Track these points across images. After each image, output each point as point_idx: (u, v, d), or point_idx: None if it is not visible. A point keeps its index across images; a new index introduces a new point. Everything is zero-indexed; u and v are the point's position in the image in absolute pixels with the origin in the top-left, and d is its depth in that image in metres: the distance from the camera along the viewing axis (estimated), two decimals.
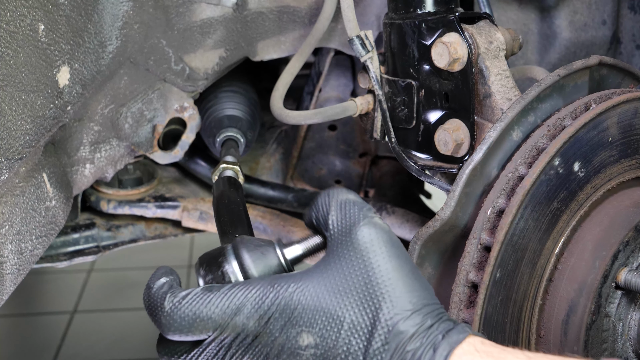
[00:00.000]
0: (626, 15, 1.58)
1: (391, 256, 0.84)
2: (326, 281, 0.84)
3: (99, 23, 1.26)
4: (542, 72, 1.37)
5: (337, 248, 0.85)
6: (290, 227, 1.67)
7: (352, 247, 0.84)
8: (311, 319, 0.83)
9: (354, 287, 0.83)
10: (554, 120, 1.11)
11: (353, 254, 0.84)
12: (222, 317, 0.84)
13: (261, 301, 0.84)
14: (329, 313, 0.83)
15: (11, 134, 1.09)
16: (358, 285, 0.83)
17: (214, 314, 0.84)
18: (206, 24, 1.42)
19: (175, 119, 1.49)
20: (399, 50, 1.26)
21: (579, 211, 1.09)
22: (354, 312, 0.82)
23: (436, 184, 1.25)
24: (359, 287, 0.83)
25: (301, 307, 0.83)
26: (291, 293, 0.83)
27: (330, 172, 1.79)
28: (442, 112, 1.23)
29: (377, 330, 0.81)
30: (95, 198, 1.65)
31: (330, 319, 0.83)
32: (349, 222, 0.86)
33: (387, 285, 0.82)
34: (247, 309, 0.84)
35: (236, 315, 0.84)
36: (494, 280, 1.03)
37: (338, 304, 0.83)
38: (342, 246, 0.85)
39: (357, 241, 0.84)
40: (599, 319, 1.08)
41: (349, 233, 0.85)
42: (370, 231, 0.85)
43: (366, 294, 0.82)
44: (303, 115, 1.37)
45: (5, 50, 1.06)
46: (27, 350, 2.61)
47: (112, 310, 2.84)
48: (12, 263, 1.18)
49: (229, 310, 0.84)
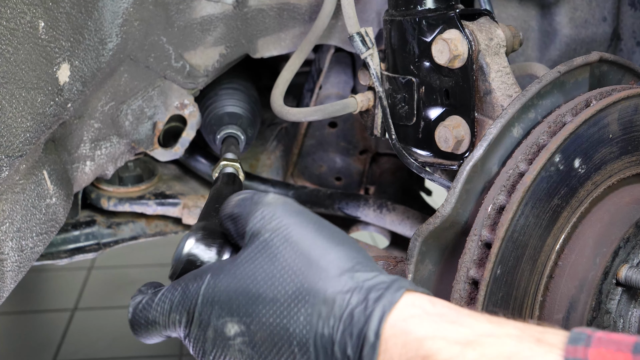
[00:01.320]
0: (627, 11, 1.58)
1: (297, 225, 0.83)
2: (240, 267, 0.83)
3: (99, 20, 1.26)
4: (543, 68, 1.37)
5: (246, 239, 0.86)
6: None
7: (256, 231, 0.84)
8: (231, 308, 0.82)
9: (270, 266, 0.82)
10: (554, 116, 1.11)
11: (259, 236, 0.84)
12: (163, 320, 0.87)
13: (183, 300, 0.85)
14: (247, 297, 0.81)
15: (11, 131, 1.09)
16: (274, 262, 0.82)
17: (157, 318, 0.87)
18: (206, 21, 1.42)
19: (175, 116, 1.49)
20: (400, 47, 1.25)
21: (579, 208, 1.09)
22: (272, 290, 0.81)
23: (436, 180, 1.25)
24: (276, 264, 0.82)
25: (219, 298, 0.83)
26: (208, 287, 0.84)
27: (330, 169, 1.79)
28: (443, 108, 1.23)
29: (306, 302, 0.79)
30: (96, 195, 1.65)
31: (248, 303, 0.81)
32: (246, 213, 0.86)
33: (304, 254, 0.81)
34: (176, 309, 0.86)
35: (169, 316, 0.86)
36: (495, 277, 1.03)
37: (254, 286, 0.82)
38: (248, 235, 0.85)
39: (257, 224, 0.85)
40: (600, 315, 1.08)
41: (250, 221, 0.85)
42: (268, 210, 0.85)
43: (286, 268, 0.81)
44: (303, 113, 1.37)
45: (5, 48, 1.06)
46: (28, 348, 2.61)
47: (113, 307, 2.84)
48: (13, 260, 1.18)
49: (165, 312, 0.87)
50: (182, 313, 0.85)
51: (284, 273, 0.81)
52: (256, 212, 0.85)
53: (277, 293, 0.80)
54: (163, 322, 0.87)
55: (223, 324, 0.82)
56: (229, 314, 0.82)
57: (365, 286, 0.79)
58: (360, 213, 1.67)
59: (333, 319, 0.78)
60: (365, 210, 1.67)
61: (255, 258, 0.83)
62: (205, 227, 0.94)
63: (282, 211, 0.85)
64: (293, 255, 0.81)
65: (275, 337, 0.80)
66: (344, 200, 1.68)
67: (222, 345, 0.82)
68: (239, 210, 0.88)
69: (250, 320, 0.81)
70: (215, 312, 0.83)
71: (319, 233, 0.83)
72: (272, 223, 0.84)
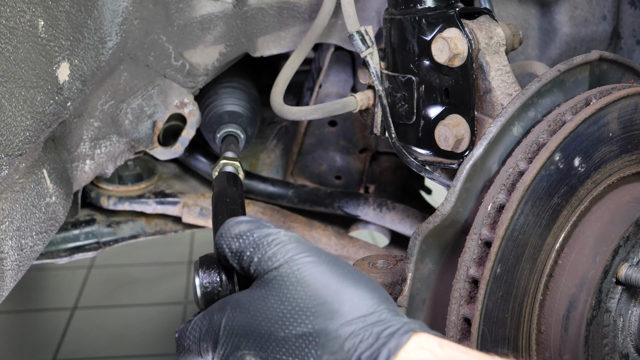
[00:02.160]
0: (626, 10, 1.58)
1: (310, 265, 0.85)
2: (254, 304, 0.85)
3: (98, 19, 1.26)
4: (543, 67, 1.37)
5: (255, 274, 0.87)
6: (290, 223, 1.67)
7: (267, 270, 0.86)
8: (248, 342, 0.84)
9: (282, 306, 0.84)
10: (554, 115, 1.11)
11: (272, 276, 0.86)
12: (195, 347, 0.90)
13: (209, 330, 0.88)
14: (261, 334, 0.84)
15: (11, 130, 1.09)
16: (286, 303, 0.84)
17: (190, 345, 0.91)
18: (206, 20, 1.42)
19: (175, 115, 1.48)
20: (399, 46, 1.25)
21: (579, 206, 1.09)
22: (284, 329, 0.83)
23: (436, 179, 1.25)
24: (286, 305, 0.83)
25: (237, 331, 0.85)
26: (228, 319, 0.86)
27: (330, 168, 1.79)
28: (443, 107, 1.23)
29: (316, 343, 0.81)
30: (96, 194, 1.65)
31: (262, 340, 0.83)
32: (253, 251, 0.87)
33: (317, 295, 0.83)
34: (204, 338, 0.89)
35: (200, 344, 0.89)
36: (495, 275, 1.03)
37: (267, 325, 0.84)
38: (259, 273, 0.87)
39: (270, 263, 0.86)
40: (600, 314, 1.08)
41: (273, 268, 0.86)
42: (281, 251, 0.86)
43: (296, 309, 0.83)
44: (303, 111, 1.37)
45: (5, 46, 1.06)
46: (28, 347, 2.61)
47: (113, 306, 2.84)
48: (13, 259, 1.18)
49: (196, 340, 0.90)
50: (209, 341, 0.88)
51: (294, 314, 0.83)
52: (268, 252, 0.86)
53: (288, 333, 0.82)
54: (195, 349, 0.90)
55: (242, 355, 0.85)
56: (247, 347, 0.84)
57: (375, 331, 0.80)
58: (360, 212, 1.67)
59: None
60: (365, 209, 1.67)
61: (267, 298, 0.84)
62: (204, 261, 0.95)
63: (295, 251, 0.86)
64: (305, 296, 0.83)
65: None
66: (344, 199, 1.68)
67: None
68: (241, 247, 0.89)
69: (266, 355, 0.83)
70: (235, 343, 0.85)
71: (332, 273, 0.84)
72: (285, 265, 0.85)
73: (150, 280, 2.97)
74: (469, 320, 1.04)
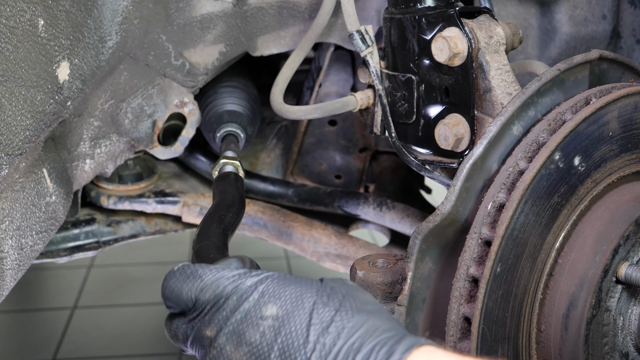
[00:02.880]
0: (626, 9, 1.58)
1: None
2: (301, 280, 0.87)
3: (98, 18, 1.26)
4: (542, 66, 1.37)
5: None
6: (290, 222, 1.67)
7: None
8: (282, 294, 0.84)
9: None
10: (554, 114, 1.11)
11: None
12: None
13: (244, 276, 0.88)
14: (300, 295, 0.84)
15: (11, 129, 1.09)
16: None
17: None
18: (206, 19, 1.42)
19: (175, 114, 1.48)
20: (399, 45, 1.25)
21: (579, 205, 1.09)
22: (317, 304, 0.83)
23: (436, 178, 1.25)
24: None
25: (278, 284, 0.85)
26: (274, 277, 0.87)
27: (330, 167, 1.79)
28: (443, 106, 1.23)
29: (331, 326, 0.81)
30: (96, 193, 1.65)
31: (299, 300, 0.84)
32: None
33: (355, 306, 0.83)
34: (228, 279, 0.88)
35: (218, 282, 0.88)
36: (495, 274, 1.03)
37: (309, 292, 0.84)
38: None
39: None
40: (600, 313, 1.08)
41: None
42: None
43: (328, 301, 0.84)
44: (303, 110, 1.37)
45: (5, 46, 1.06)
46: (28, 346, 2.61)
47: (113, 306, 2.84)
48: (13, 259, 1.18)
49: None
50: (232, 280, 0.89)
51: (329, 306, 0.84)
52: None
53: (319, 313, 0.83)
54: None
55: (266, 302, 0.85)
56: (277, 298, 0.85)
57: (389, 341, 0.80)
58: (360, 211, 1.67)
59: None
60: (365, 209, 1.67)
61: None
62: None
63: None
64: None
65: None
66: (344, 198, 1.68)
67: (251, 319, 0.85)
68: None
69: (290, 312, 0.84)
70: (266, 291, 0.87)
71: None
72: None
73: (150, 280, 2.97)
74: (469, 319, 1.04)
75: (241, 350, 0.83)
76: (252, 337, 0.83)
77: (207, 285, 0.87)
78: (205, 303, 0.87)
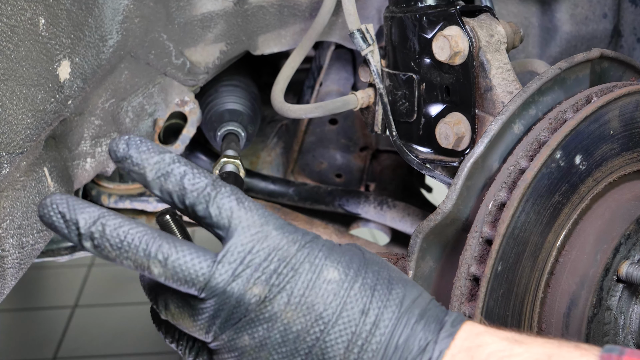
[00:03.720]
0: (627, 8, 1.58)
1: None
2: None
3: (99, 17, 1.26)
4: (543, 65, 1.37)
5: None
6: (291, 221, 1.67)
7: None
8: (346, 258, 0.82)
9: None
10: (555, 113, 1.11)
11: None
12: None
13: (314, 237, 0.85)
14: (366, 261, 0.83)
15: (12, 128, 1.09)
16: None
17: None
18: (207, 18, 1.42)
19: (176, 113, 1.48)
20: (400, 44, 1.25)
21: (580, 204, 1.09)
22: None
23: (437, 177, 1.25)
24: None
25: (344, 248, 0.84)
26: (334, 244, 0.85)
27: (331, 166, 1.79)
28: (443, 105, 1.23)
29: (392, 297, 0.81)
30: (96, 192, 1.65)
31: (362, 264, 0.82)
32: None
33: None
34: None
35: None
36: (496, 273, 1.03)
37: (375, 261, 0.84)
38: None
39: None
40: (601, 312, 1.08)
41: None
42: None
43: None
44: (304, 109, 1.37)
45: (5, 45, 1.06)
46: (28, 345, 2.61)
47: (113, 304, 2.85)
48: (14, 257, 1.18)
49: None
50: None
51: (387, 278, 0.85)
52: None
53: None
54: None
55: (329, 265, 0.83)
56: (340, 262, 0.83)
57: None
58: (360, 210, 1.67)
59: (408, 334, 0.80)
60: (366, 207, 1.67)
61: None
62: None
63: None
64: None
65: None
66: (345, 197, 1.68)
67: (314, 283, 0.82)
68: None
69: (353, 275, 0.82)
70: (332, 254, 0.85)
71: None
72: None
73: None
74: (470, 318, 1.04)
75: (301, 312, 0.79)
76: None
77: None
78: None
